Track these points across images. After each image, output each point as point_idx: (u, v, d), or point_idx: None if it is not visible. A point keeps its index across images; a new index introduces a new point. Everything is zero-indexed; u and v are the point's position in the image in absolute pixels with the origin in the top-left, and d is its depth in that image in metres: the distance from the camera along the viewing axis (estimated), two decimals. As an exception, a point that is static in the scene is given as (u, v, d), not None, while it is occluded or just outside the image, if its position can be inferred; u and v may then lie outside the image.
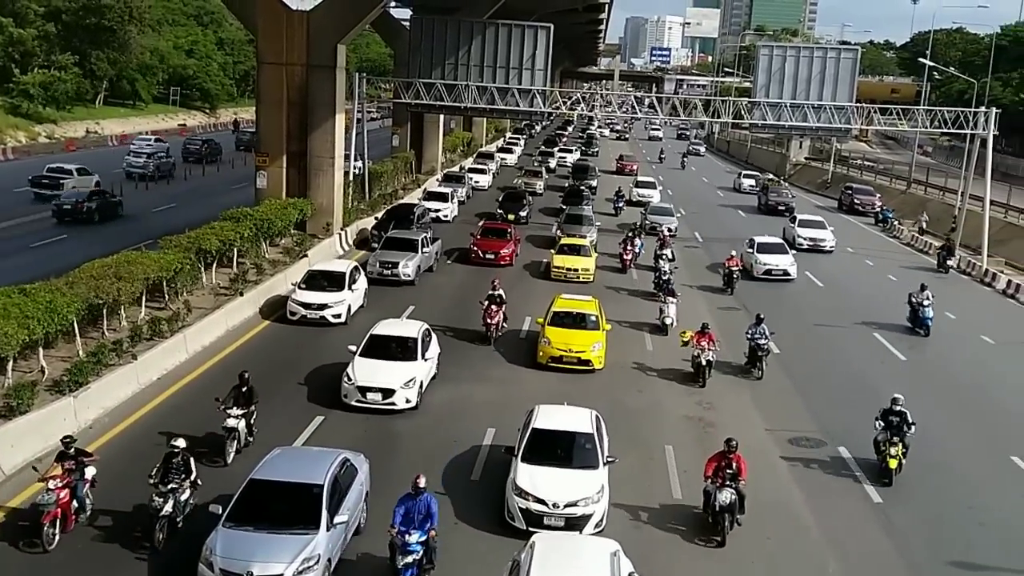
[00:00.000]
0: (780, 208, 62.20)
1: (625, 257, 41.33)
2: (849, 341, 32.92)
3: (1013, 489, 21.38)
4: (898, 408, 21.23)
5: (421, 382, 23.73)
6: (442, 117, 66.50)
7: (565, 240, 41.65)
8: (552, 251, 40.98)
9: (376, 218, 44.17)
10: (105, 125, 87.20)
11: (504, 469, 18.80)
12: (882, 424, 21.25)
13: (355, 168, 49.78)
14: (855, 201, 67.49)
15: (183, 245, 29.79)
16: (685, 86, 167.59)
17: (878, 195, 67.94)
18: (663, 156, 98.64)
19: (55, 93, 79.27)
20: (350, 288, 30.75)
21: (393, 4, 59.03)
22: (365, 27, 55.38)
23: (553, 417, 19.72)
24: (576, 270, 38.46)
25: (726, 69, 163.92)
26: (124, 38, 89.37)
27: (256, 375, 23.27)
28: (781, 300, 38.17)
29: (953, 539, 18.64)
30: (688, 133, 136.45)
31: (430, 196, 51.72)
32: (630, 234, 42.54)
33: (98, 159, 60.51)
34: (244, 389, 20.16)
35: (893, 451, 20.73)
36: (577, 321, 28.22)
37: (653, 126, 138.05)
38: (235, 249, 33.26)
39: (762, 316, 27.69)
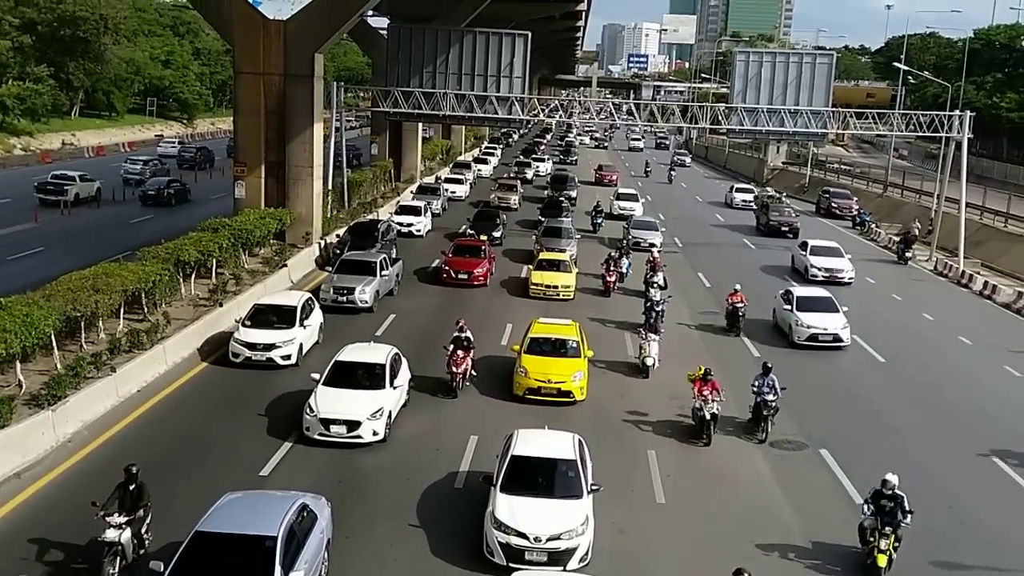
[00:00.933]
0: (783, 229, 55.77)
1: (608, 279, 37.84)
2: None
3: (993, 489, 21.55)
4: (890, 491, 17.49)
5: (390, 412, 22.07)
6: (420, 125, 66.56)
7: (544, 255, 39.50)
8: (530, 266, 38.79)
9: (337, 235, 41.83)
10: (81, 136, 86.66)
11: (482, 499, 17.81)
12: (871, 508, 17.60)
13: (348, 172, 50.37)
14: (832, 205, 67.99)
15: (161, 256, 29.63)
16: (663, 92, 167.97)
17: (855, 199, 68.43)
18: (649, 170, 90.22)
19: (31, 105, 78.71)
20: (302, 324, 27.21)
21: (370, 13, 58.90)
22: (342, 36, 55.29)
23: (533, 443, 18.62)
24: (556, 287, 36.53)
25: (703, 75, 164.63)
26: (99, 49, 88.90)
27: (223, 396, 23.22)
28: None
29: (935, 539, 18.74)
30: (667, 142, 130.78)
31: (402, 210, 49.63)
32: (614, 253, 39.11)
33: (77, 169, 60.19)
34: (132, 488, 15.77)
35: (883, 544, 17.15)
36: (556, 348, 26.08)
37: (634, 136, 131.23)
38: (214, 259, 33.10)
39: (770, 365, 24.07)
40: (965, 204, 49.23)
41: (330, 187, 46.17)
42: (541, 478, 17.81)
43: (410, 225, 47.77)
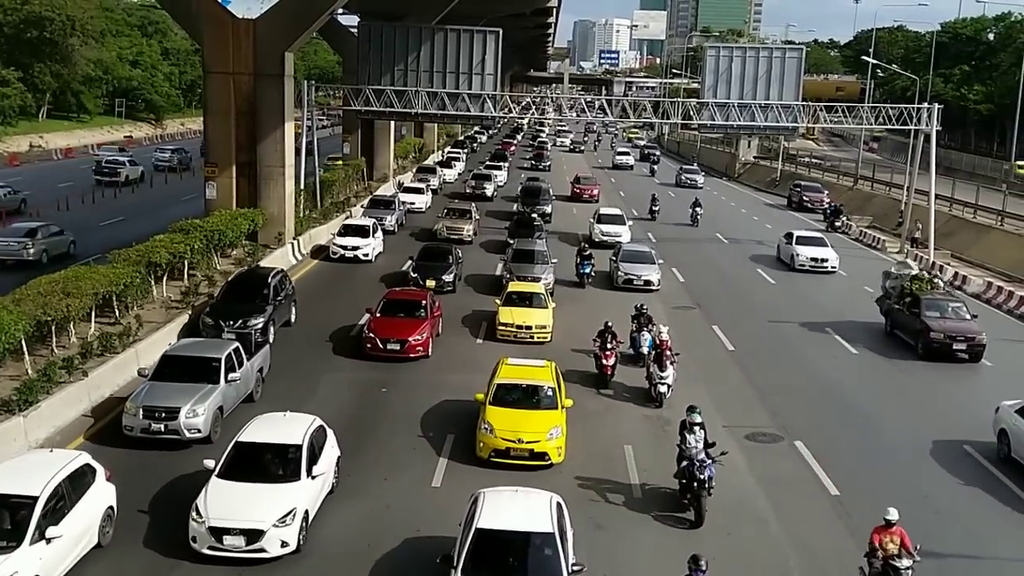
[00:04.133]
0: (958, 349, 30.70)
1: (606, 362, 26.24)
2: (803, 338, 33.34)
3: (967, 478, 21.73)
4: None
5: (306, 512, 16.92)
6: (393, 124, 66.35)
7: (513, 286, 32.36)
8: (497, 300, 31.79)
9: (238, 275, 31.74)
10: (49, 139, 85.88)
11: None
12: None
13: (320, 171, 49.93)
14: (804, 198, 68.50)
15: (132, 259, 29.37)
16: (634, 88, 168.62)
17: (826, 192, 68.92)
18: (656, 208, 59.56)
19: (-1, 108, 78.04)
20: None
21: (341, 11, 58.69)
22: (312, 34, 55.06)
23: (503, 511, 15.35)
24: (528, 327, 29.78)
25: (674, 71, 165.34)
26: (67, 50, 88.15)
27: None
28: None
29: (909, 528, 18.83)
30: (656, 154, 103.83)
31: (346, 230, 42.17)
32: (610, 323, 26.74)
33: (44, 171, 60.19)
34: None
35: None
36: (528, 397, 21.80)
37: (621, 149, 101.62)
38: (186, 261, 32.87)
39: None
40: (935, 196, 49.69)
41: (302, 187, 45.95)
42: (512, 558, 15.00)
43: (355, 248, 40.71)
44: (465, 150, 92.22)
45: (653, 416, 24.35)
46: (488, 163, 76.73)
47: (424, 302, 29.37)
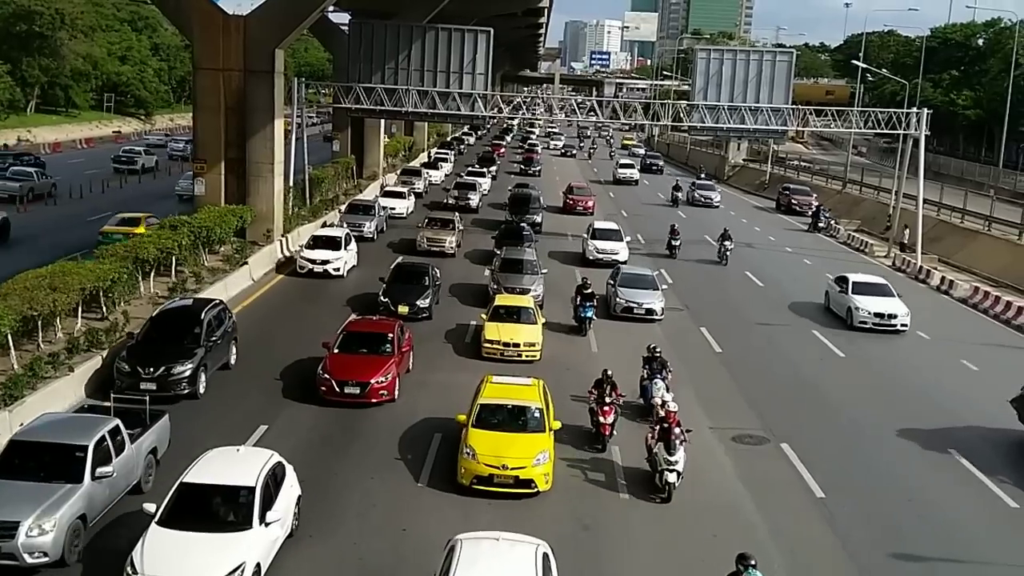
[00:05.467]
0: None
1: (603, 419, 21.95)
2: (789, 338, 33.44)
3: (951, 483, 21.83)
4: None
5: (258, 566, 14.93)
6: (383, 122, 66.22)
7: (501, 300, 30.45)
8: (483, 315, 29.84)
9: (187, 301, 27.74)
10: (37, 133, 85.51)
11: None
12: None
13: (309, 169, 49.46)
14: (792, 201, 68.75)
15: (120, 254, 29.25)
16: (625, 90, 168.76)
17: (815, 195, 69.15)
18: (678, 240, 47.78)
19: (-13, 102, 77.76)
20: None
21: (332, 8, 58.55)
22: (303, 32, 54.94)
23: (481, 566, 13.62)
24: (516, 345, 27.81)
25: (665, 73, 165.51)
26: (56, 45, 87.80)
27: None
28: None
29: (894, 532, 18.98)
30: (659, 164, 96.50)
31: (316, 242, 38.52)
32: (609, 373, 22.63)
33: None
34: None
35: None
36: (514, 419, 20.33)
37: (625, 160, 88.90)
38: (173, 257, 32.76)
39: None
40: (923, 200, 49.89)
41: (291, 184, 45.80)
42: None
43: (325, 263, 37.19)
44: (453, 151, 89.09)
45: (659, 513, 19.26)
46: (473, 169, 71.29)
47: (391, 335, 25.19)
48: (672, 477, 19.40)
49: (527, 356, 27.81)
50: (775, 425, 24.38)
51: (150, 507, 15.24)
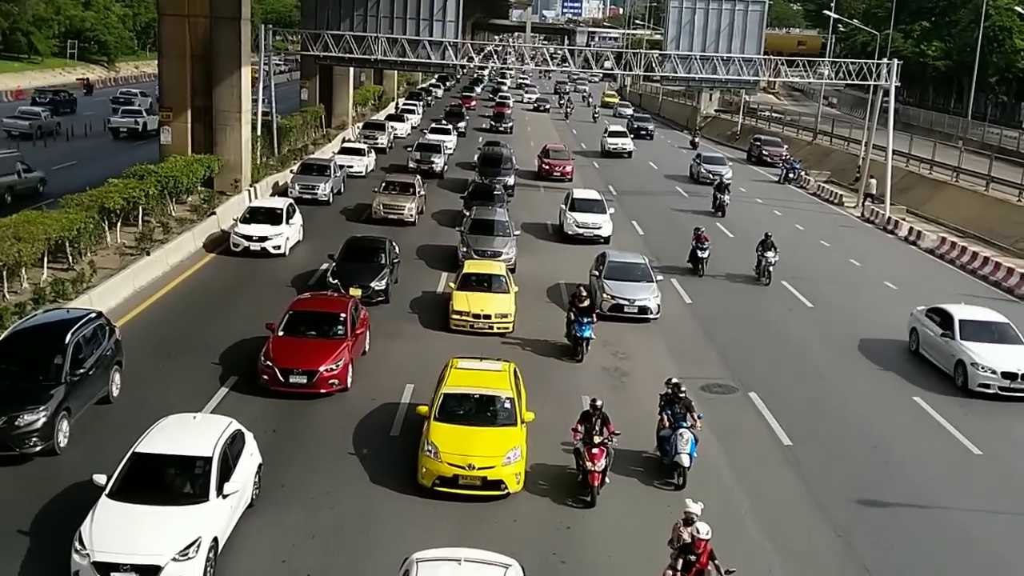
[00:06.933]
0: None
1: (592, 465, 17.13)
2: (759, 289, 33.63)
3: (915, 429, 22.18)
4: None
5: (215, 541, 14.05)
6: (352, 70, 65.46)
7: (470, 266, 28.12)
8: (451, 283, 27.59)
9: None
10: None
11: None
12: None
13: (277, 117, 48.79)
14: (764, 152, 68.75)
15: (85, 204, 28.88)
16: (597, 39, 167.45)
17: (786, 146, 69.24)
18: (705, 250, 34.22)
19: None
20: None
21: (299, -46, 57.62)
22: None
23: None
24: (488, 316, 25.74)
25: (637, 21, 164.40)
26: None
27: (154, 346, 22.56)
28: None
29: (859, 478, 19.28)
30: (649, 127, 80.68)
31: (253, 215, 33.46)
32: (599, 404, 17.78)
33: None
34: None
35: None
36: (482, 410, 18.28)
37: (615, 126, 72.55)
38: (140, 207, 32.37)
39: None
40: (892, 151, 50.08)
41: (259, 133, 45.24)
42: None
43: (263, 240, 32.09)
44: (421, 103, 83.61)
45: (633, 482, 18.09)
46: (438, 126, 63.30)
47: (343, 315, 22.43)
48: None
49: (499, 328, 25.76)
50: (743, 374, 24.56)
51: (100, 478, 14.35)
